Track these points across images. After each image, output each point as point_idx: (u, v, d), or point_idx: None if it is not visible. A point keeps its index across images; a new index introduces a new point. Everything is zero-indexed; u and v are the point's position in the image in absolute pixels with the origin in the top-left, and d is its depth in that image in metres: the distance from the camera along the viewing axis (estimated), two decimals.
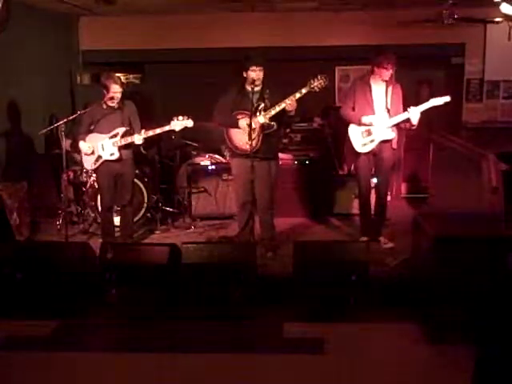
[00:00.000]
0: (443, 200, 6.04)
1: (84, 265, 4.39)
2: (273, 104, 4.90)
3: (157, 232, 6.21)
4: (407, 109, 5.16)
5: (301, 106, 4.96)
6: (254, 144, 4.86)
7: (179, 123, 5.21)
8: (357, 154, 5.41)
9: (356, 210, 6.14)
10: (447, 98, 5.11)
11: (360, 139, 5.34)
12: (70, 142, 6.02)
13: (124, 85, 5.47)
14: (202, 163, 6.67)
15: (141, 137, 5.27)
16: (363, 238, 5.42)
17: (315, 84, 4.79)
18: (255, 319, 4.09)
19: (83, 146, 5.37)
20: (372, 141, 5.30)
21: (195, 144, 6.74)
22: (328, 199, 6.65)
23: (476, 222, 4.31)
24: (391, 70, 5.18)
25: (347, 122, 5.41)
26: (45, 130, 5.91)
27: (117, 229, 5.71)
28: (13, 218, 5.66)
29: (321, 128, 7.52)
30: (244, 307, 4.14)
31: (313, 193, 6.63)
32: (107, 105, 5.32)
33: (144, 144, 5.60)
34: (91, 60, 7.88)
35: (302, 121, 7.35)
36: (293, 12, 7.35)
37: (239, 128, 5.00)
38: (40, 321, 4.09)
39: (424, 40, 7.28)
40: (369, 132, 5.29)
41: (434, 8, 6.56)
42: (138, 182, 6.14)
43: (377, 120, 5.24)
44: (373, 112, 5.27)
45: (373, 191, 5.68)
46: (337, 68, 7.98)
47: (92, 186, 6.13)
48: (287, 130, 7.21)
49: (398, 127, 5.37)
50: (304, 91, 4.81)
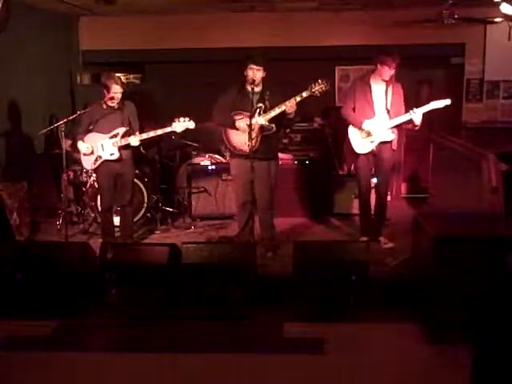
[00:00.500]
0: (443, 200, 6.04)
1: (84, 265, 4.40)
2: (273, 105, 4.89)
3: (157, 232, 6.21)
4: (408, 109, 5.16)
5: (301, 107, 4.95)
6: (253, 145, 4.86)
7: (181, 125, 5.19)
8: (357, 154, 5.42)
9: (356, 210, 6.14)
10: (448, 101, 5.09)
11: (360, 140, 5.34)
12: (71, 143, 6.02)
13: (124, 85, 5.47)
14: (202, 163, 6.67)
15: (137, 139, 5.25)
16: (363, 238, 5.42)
17: (316, 88, 4.76)
18: (255, 319, 4.10)
19: (82, 147, 5.36)
20: (372, 142, 5.30)
21: (195, 144, 6.73)
22: (328, 199, 6.65)
23: (476, 222, 4.30)
24: (393, 70, 5.17)
25: (348, 123, 5.41)
26: (45, 130, 5.91)
27: (117, 229, 5.70)
28: (13, 218, 5.66)
29: (321, 128, 7.52)
30: (244, 307, 4.14)
31: (313, 193, 6.63)
32: (107, 105, 5.32)
33: (144, 144, 5.59)
34: (91, 60, 7.89)
35: (302, 121, 7.34)
36: (293, 12, 7.35)
37: (237, 129, 5.00)
38: (40, 321, 4.09)
39: (424, 40, 7.28)
40: (369, 133, 5.29)
41: (434, 8, 6.56)
42: (138, 182, 6.14)
43: (377, 124, 5.23)
44: (373, 112, 5.27)
45: (373, 191, 5.68)
46: (337, 68, 7.99)
47: (92, 186, 6.13)
48: (287, 131, 7.21)
49: (399, 128, 5.37)
50: (305, 95, 4.79)
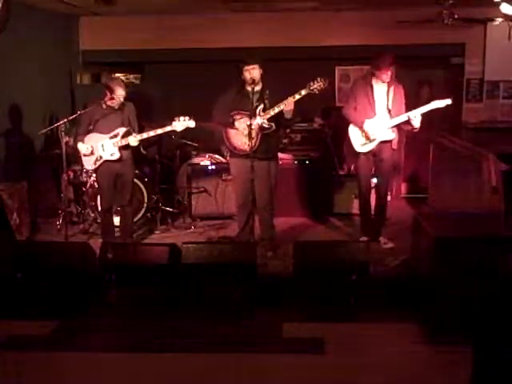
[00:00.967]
0: (443, 200, 6.05)
1: (84, 265, 4.39)
2: (272, 105, 4.90)
3: (157, 232, 6.21)
4: (409, 110, 5.16)
5: (301, 107, 4.95)
6: (253, 144, 4.86)
7: (181, 124, 5.19)
8: (357, 154, 5.42)
9: (356, 210, 6.14)
10: (449, 101, 5.09)
11: (360, 139, 5.35)
12: (71, 140, 6.01)
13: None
14: (202, 163, 6.67)
15: (135, 139, 5.25)
16: (363, 238, 5.42)
17: (314, 86, 4.78)
18: (255, 319, 4.09)
19: (81, 147, 5.35)
20: (372, 141, 5.30)
21: (195, 144, 6.74)
22: (328, 199, 6.65)
23: (476, 222, 4.31)
24: (389, 72, 5.19)
25: (349, 122, 5.42)
26: (45, 130, 5.91)
27: (117, 229, 5.70)
28: (13, 218, 5.66)
29: (321, 128, 7.52)
30: (244, 307, 4.14)
31: (313, 193, 6.63)
32: (107, 105, 5.31)
33: (144, 144, 5.58)
34: (91, 60, 7.87)
35: (302, 121, 7.34)
36: (293, 12, 7.34)
37: (237, 128, 5.00)
38: (40, 321, 4.09)
39: (424, 40, 7.27)
40: (369, 132, 5.29)
41: (434, 8, 6.55)
42: (138, 182, 6.14)
43: (377, 124, 5.23)
44: (374, 112, 5.28)
45: (373, 191, 5.68)
46: (337, 68, 7.97)
47: (92, 186, 6.13)
48: (287, 131, 7.21)
49: (399, 128, 5.37)
50: (303, 93, 4.80)
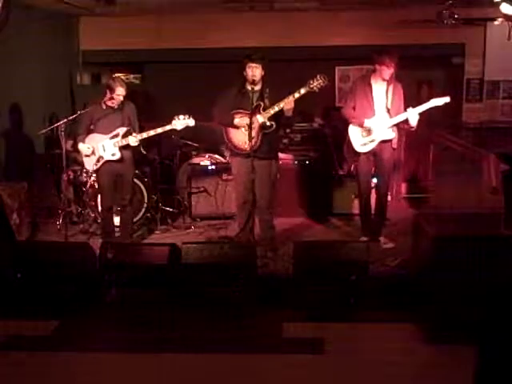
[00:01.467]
0: (443, 200, 6.04)
1: (84, 265, 4.40)
2: (272, 104, 4.90)
3: (157, 232, 6.20)
4: (407, 109, 5.17)
5: (301, 107, 4.95)
6: (253, 143, 4.86)
7: (180, 122, 5.20)
8: (357, 154, 5.42)
9: (356, 210, 6.14)
10: (447, 99, 5.12)
11: (360, 139, 5.34)
12: (72, 143, 6.02)
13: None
14: (202, 163, 6.67)
15: (135, 139, 5.25)
16: (363, 238, 5.42)
17: (314, 84, 4.78)
18: (255, 319, 4.10)
19: (82, 148, 5.35)
20: (372, 141, 5.30)
21: (195, 144, 6.74)
22: (328, 199, 6.64)
23: (476, 222, 4.30)
24: (392, 69, 5.18)
25: (348, 122, 5.41)
26: (45, 130, 5.90)
27: (117, 229, 5.70)
28: (13, 218, 5.65)
29: (321, 128, 7.52)
30: (244, 307, 4.14)
31: (313, 193, 6.62)
32: (107, 105, 5.31)
33: (144, 144, 5.58)
34: (91, 60, 7.88)
35: (302, 121, 7.35)
36: (293, 12, 7.34)
37: (238, 127, 5.00)
38: (40, 321, 4.09)
39: (424, 40, 7.28)
40: (369, 132, 5.29)
41: (434, 8, 6.56)
42: (138, 182, 6.13)
43: (377, 122, 5.24)
44: (373, 112, 5.27)
45: (373, 191, 5.68)
46: (337, 68, 7.98)
47: (92, 186, 6.12)
48: (287, 130, 7.21)
49: (398, 127, 5.37)
50: (303, 91, 4.80)
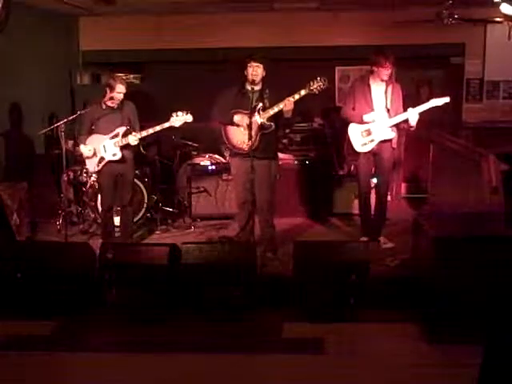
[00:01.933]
0: (443, 200, 6.04)
1: (84, 265, 4.40)
2: (271, 104, 4.90)
3: (157, 232, 6.21)
4: (407, 109, 5.17)
5: (301, 107, 4.95)
6: (253, 143, 4.86)
7: (179, 119, 5.17)
8: (357, 154, 5.41)
9: (356, 210, 6.13)
10: (447, 99, 5.12)
11: (360, 139, 5.34)
12: (72, 143, 6.02)
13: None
14: (202, 163, 6.67)
15: (135, 138, 5.24)
16: (363, 238, 5.42)
17: (314, 86, 4.77)
18: (255, 319, 4.10)
19: (84, 150, 5.35)
20: (372, 140, 5.30)
21: (195, 144, 6.74)
22: (328, 199, 6.65)
23: (476, 222, 4.30)
24: (390, 69, 5.19)
25: (348, 123, 5.41)
26: (45, 130, 5.90)
27: (117, 229, 5.70)
28: (13, 218, 5.66)
29: (321, 128, 7.52)
30: (244, 307, 4.14)
31: (313, 193, 6.63)
32: (106, 105, 5.30)
33: (144, 143, 5.58)
34: (91, 60, 7.88)
35: (302, 121, 7.34)
36: (293, 12, 7.34)
37: (237, 126, 5.00)
38: (40, 321, 4.09)
39: (424, 40, 7.28)
40: (368, 132, 5.29)
41: (434, 8, 6.56)
42: (138, 182, 6.14)
43: (378, 117, 5.24)
44: (372, 112, 5.27)
45: (373, 191, 5.68)
46: (337, 68, 7.98)
47: (92, 186, 6.13)
48: (287, 131, 7.21)
49: (398, 127, 5.37)
50: (303, 93, 4.79)
